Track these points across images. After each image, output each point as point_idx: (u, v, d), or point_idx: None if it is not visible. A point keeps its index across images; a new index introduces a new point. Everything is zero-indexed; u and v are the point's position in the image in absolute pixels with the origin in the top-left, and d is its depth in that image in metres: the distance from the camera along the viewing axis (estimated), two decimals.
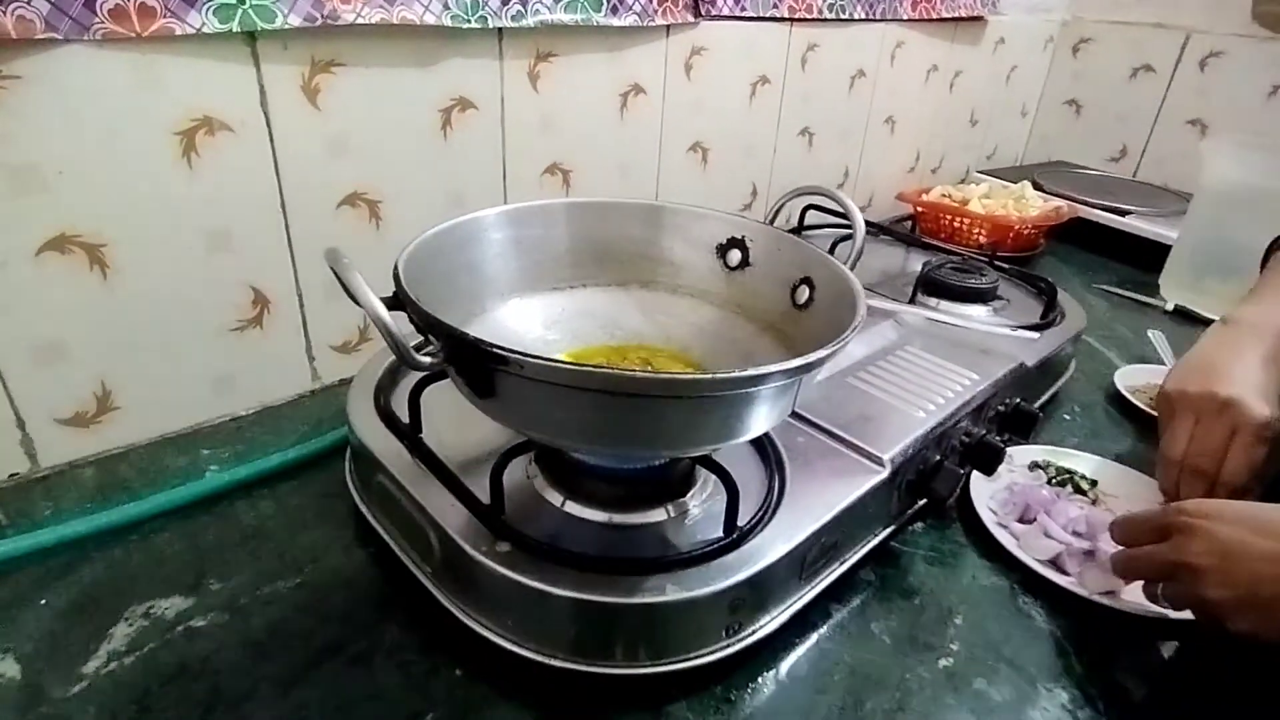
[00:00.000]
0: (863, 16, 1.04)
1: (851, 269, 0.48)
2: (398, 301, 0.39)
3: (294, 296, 0.66)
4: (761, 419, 0.41)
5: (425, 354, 0.38)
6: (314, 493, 0.58)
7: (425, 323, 0.37)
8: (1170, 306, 1.02)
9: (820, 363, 0.37)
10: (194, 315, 0.61)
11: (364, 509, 0.53)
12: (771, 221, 0.65)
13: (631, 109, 0.84)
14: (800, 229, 0.94)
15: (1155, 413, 0.74)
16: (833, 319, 0.45)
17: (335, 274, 0.35)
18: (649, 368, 0.52)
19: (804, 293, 0.51)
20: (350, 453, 0.58)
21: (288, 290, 0.65)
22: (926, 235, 1.15)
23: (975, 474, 0.61)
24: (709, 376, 0.34)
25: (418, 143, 0.68)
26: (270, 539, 0.53)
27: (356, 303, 0.35)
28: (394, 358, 0.50)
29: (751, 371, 0.34)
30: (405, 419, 0.53)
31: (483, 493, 0.46)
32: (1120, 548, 0.50)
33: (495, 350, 0.33)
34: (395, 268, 0.41)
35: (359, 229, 0.67)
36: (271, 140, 0.60)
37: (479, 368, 0.36)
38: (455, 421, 0.54)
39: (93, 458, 0.60)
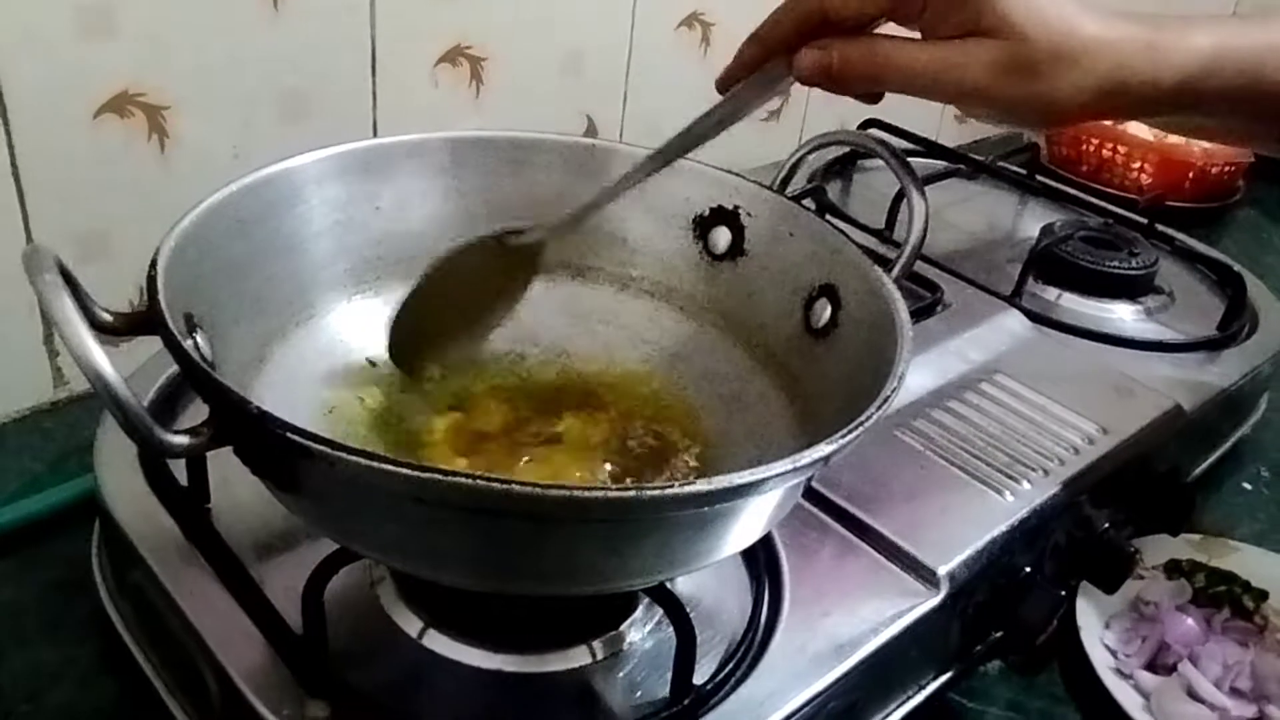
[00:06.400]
0: None
1: (900, 276, 0.48)
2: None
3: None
4: (738, 536, 0.40)
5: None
6: (42, 579, 0.57)
7: (183, 371, 0.36)
8: None
9: (826, 459, 0.36)
10: None
11: (115, 618, 0.53)
12: (784, 185, 0.64)
13: None
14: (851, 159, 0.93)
15: None
16: (864, 363, 0.45)
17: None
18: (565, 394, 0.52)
19: (824, 310, 0.50)
20: (99, 522, 0.57)
21: (11, 246, 0.64)
22: (1058, 166, 1.15)
23: (1085, 585, 0.61)
24: (648, 495, 0.33)
25: (228, 13, 0.67)
26: None
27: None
28: None
29: (703, 487, 0.33)
30: (185, 478, 0.52)
31: (296, 611, 0.44)
32: None
33: (290, 438, 0.32)
34: (153, 265, 0.40)
35: (131, 151, 0.66)
36: None
37: (269, 453, 0.35)
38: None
39: None
